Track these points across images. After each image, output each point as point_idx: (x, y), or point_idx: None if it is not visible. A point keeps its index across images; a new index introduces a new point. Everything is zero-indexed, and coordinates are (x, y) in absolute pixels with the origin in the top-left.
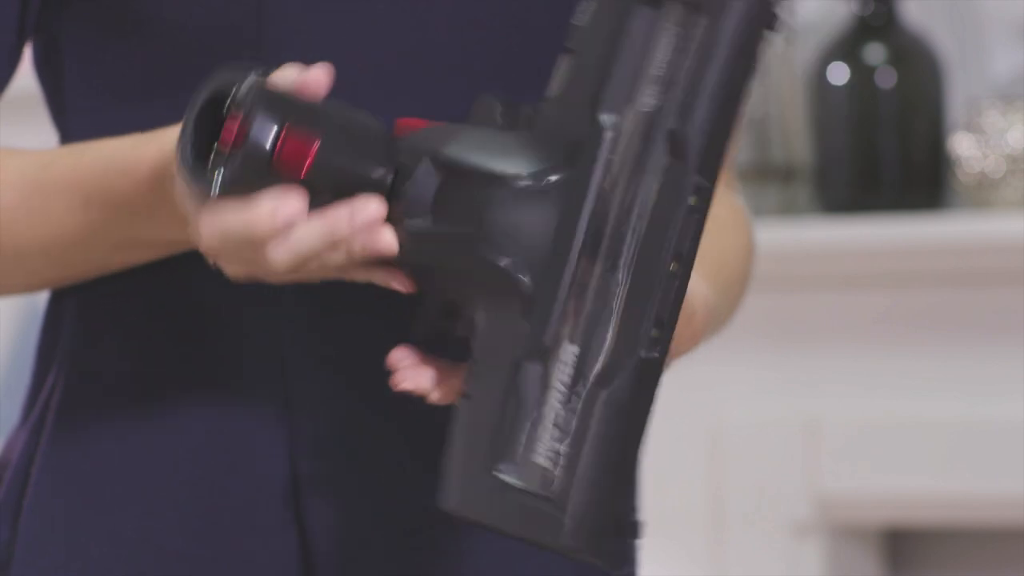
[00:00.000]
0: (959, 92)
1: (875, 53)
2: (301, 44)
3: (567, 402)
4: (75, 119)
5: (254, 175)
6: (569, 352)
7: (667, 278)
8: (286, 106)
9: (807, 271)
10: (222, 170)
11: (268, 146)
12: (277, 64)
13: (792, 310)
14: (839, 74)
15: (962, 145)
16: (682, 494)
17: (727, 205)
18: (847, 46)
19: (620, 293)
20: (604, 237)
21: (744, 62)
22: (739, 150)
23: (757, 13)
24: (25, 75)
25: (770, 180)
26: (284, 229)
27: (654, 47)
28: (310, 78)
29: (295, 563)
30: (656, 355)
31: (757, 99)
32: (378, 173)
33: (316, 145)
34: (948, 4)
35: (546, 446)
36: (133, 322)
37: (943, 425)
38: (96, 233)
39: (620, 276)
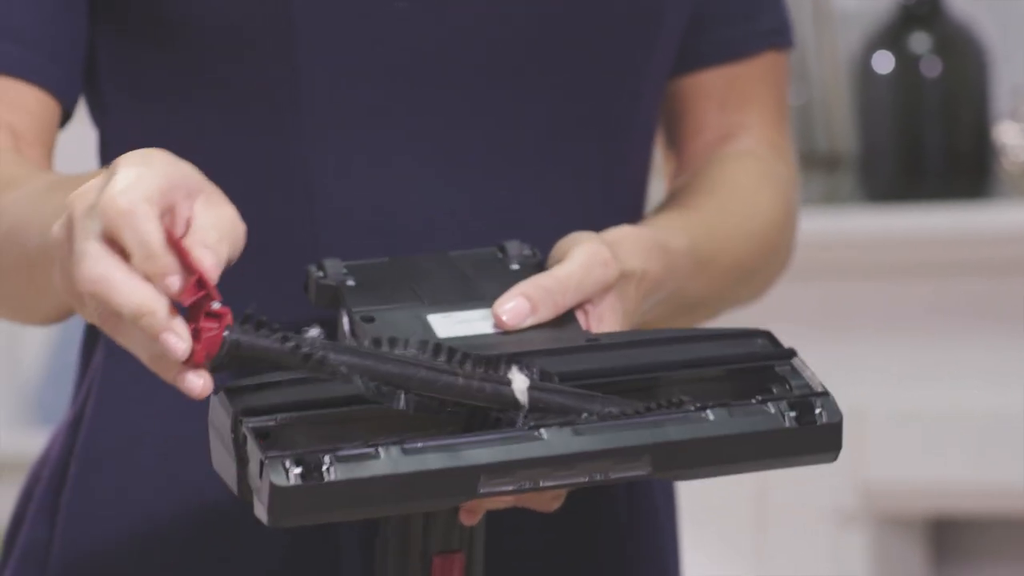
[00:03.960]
0: (1004, 80)
1: (920, 42)
2: (331, 41)
3: None
4: (113, 118)
5: None
6: None
7: None
8: None
9: (851, 260)
10: None
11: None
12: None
13: (836, 299)
14: (884, 63)
15: (1007, 134)
16: (726, 484)
17: (754, 171)
18: (892, 35)
19: None
20: None
21: None
22: None
23: None
24: None
25: (814, 169)
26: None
27: None
28: None
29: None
30: None
31: (801, 87)
32: None
33: None
34: None
35: None
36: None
37: (988, 414)
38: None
39: None
